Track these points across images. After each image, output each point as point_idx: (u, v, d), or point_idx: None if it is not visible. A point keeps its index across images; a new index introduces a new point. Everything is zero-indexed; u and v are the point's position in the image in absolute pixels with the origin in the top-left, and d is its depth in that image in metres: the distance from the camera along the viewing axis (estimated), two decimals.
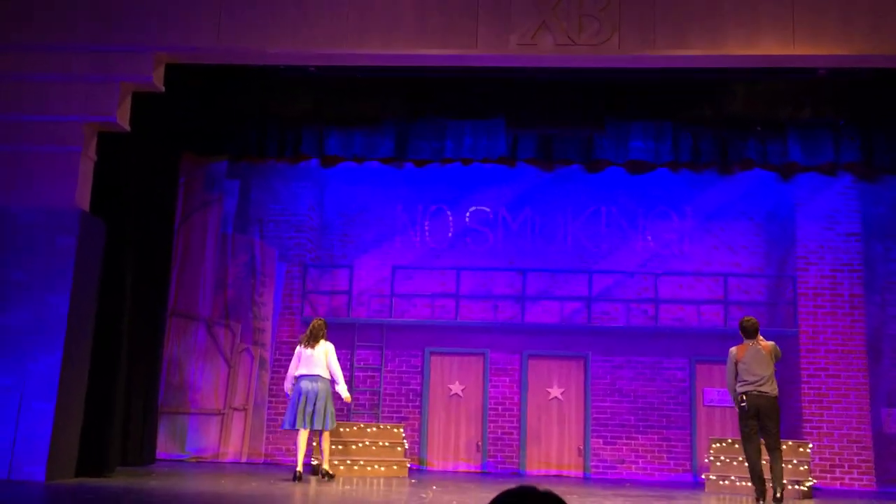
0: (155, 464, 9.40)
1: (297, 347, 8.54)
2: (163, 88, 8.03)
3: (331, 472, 8.52)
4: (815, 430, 9.84)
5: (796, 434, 9.69)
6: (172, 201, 9.81)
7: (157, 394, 9.59)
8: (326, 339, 8.49)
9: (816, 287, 10.17)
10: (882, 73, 8.13)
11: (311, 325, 8.57)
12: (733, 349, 7.75)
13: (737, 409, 7.60)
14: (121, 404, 8.55)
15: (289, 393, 8.51)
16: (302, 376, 8.29)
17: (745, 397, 7.46)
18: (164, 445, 10.12)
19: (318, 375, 8.26)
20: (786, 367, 10.16)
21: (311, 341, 8.39)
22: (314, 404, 8.18)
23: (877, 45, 7.32)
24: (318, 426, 8.23)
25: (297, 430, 8.21)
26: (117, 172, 8.42)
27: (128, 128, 8.01)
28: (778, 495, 7.17)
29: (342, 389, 8.43)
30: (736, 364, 7.64)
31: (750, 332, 7.70)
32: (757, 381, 7.47)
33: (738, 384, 7.59)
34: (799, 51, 7.40)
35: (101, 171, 8.15)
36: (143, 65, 7.78)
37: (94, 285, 7.80)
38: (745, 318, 7.84)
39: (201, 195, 10.78)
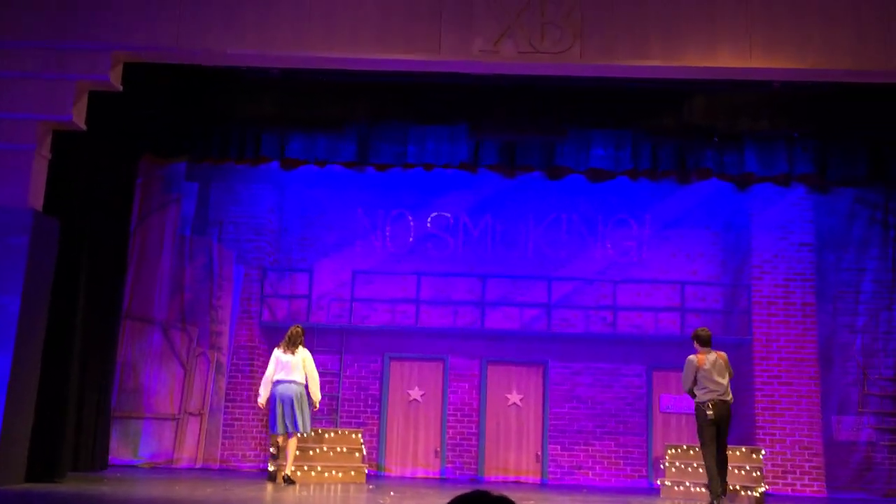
0: (107, 469, 9.23)
1: (275, 352, 8.75)
2: (120, 88, 7.91)
3: (292, 479, 8.46)
4: (767, 437, 10.01)
5: (749, 440, 9.85)
6: (129, 202, 9.66)
7: (110, 398, 9.42)
8: (304, 346, 8.74)
9: (770, 296, 10.35)
10: (835, 87, 8.33)
11: (289, 331, 8.79)
12: (693, 357, 7.93)
13: (697, 415, 7.75)
14: (73, 408, 8.39)
15: (261, 397, 8.67)
16: (279, 381, 8.52)
17: (711, 405, 7.60)
18: (117, 451, 9.94)
19: (295, 381, 8.51)
20: (740, 374, 10.30)
21: (291, 347, 8.63)
22: (291, 408, 8.42)
23: (830, 59, 7.50)
24: (290, 429, 8.43)
25: (279, 435, 8.50)
26: (73, 172, 8.28)
27: (84, 127, 7.88)
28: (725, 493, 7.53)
29: (314, 393, 8.61)
30: (696, 371, 7.73)
31: (706, 342, 7.96)
32: (719, 391, 7.73)
33: (701, 391, 7.76)
34: (756, 64, 7.56)
35: (56, 171, 8.01)
36: (101, 63, 7.66)
37: (46, 286, 7.65)
38: (702, 329, 8.09)
39: (159, 196, 10.62)
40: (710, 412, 7.68)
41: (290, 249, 10.90)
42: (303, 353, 8.63)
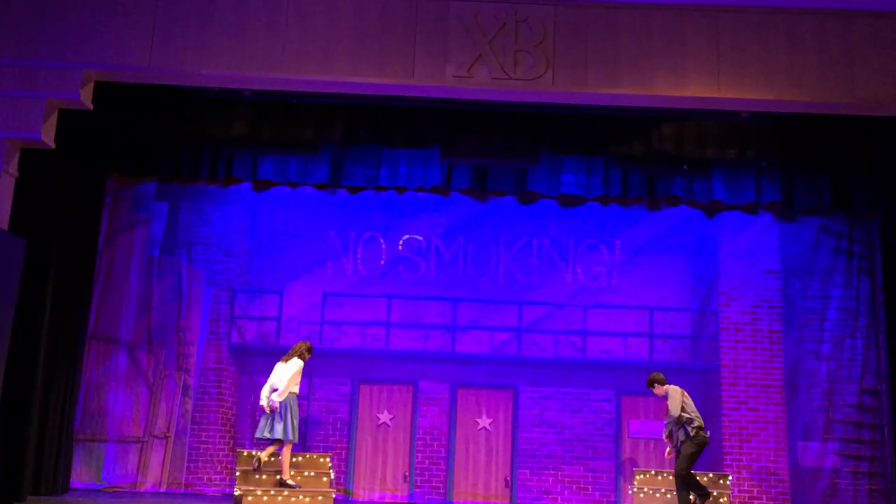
0: (69, 493, 9.05)
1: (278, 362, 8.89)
2: (91, 106, 7.86)
3: (290, 483, 8.44)
4: (734, 463, 10.07)
5: (717, 466, 9.90)
6: (97, 221, 9.56)
7: (73, 419, 9.26)
8: (301, 359, 8.75)
9: (737, 322, 10.46)
10: (800, 118, 8.50)
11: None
12: (674, 386, 8.27)
13: (696, 440, 8.02)
14: (34, 430, 8.24)
15: (263, 405, 8.61)
16: (273, 389, 8.60)
17: (705, 431, 8.10)
18: (79, 474, 9.75)
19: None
20: (707, 400, 10.41)
21: (287, 356, 8.75)
22: (275, 415, 8.42)
23: (795, 91, 7.68)
24: (277, 436, 8.36)
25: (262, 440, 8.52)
26: (40, 190, 8.19)
27: (52, 145, 7.81)
28: None
29: (274, 395, 8.48)
30: (682, 397, 8.17)
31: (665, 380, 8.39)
32: (699, 418, 8.13)
33: (695, 417, 8.08)
34: (724, 94, 7.71)
35: (23, 188, 7.91)
36: (71, 81, 7.61)
37: (10, 305, 7.51)
38: (656, 372, 8.52)
39: (128, 216, 10.50)
40: (707, 433, 8.11)
41: (260, 271, 10.82)
42: (296, 362, 8.67)
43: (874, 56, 7.69)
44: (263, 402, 8.59)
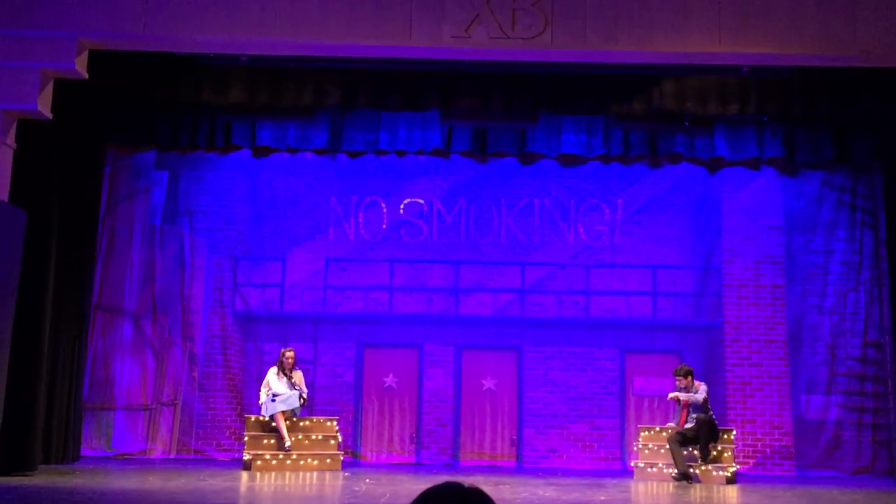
0: (79, 461, 9.18)
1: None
2: (86, 75, 7.81)
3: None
4: (738, 417, 10.16)
5: (721, 421, 9.96)
6: (97, 191, 9.55)
7: (81, 389, 9.35)
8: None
9: (741, 278, 10.48)
10: (802, 71, 8.44)
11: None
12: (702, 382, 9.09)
13: (714, 423, 8.87)
14: (43, 400, 8.32)
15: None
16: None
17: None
18: (89, 442, 9.88)
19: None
20: (711, 356, 10.49)
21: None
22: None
23: (796, 44, 7.61)
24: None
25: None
26: (39, 161, 8.17)
27: (49, 115, 7.78)
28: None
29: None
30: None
31: None
32: None
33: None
34: (725, 49, 7.63)
35: (22, 160, 7.90)
36: (65, 51, 7.56)
37: (14, 277, 7.55)
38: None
39: (128, 185, 10.50)
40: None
41: (262, 238, 10.83)
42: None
43: (876, 7, 7.60)
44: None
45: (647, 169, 10.53)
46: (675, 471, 8.48)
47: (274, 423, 8.99)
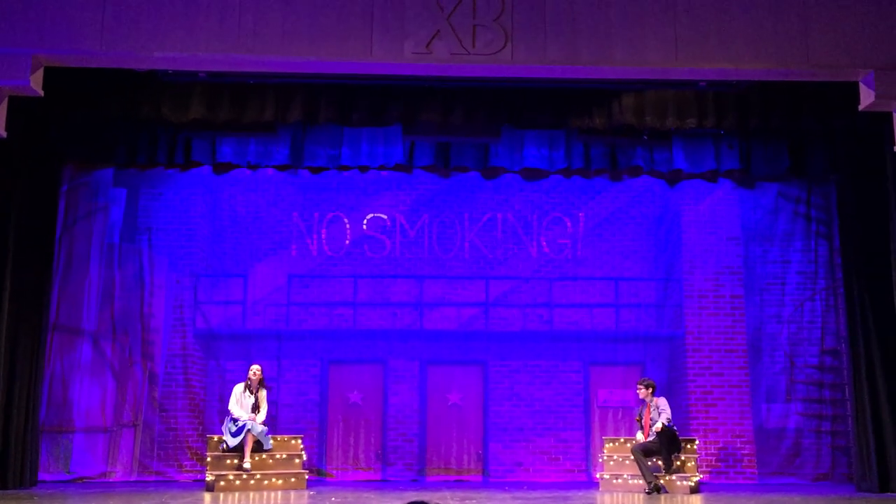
0: (37, 486, 8.94)
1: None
2: (41, 92, 7.68)
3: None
4: (701, 427, 10.26)
5: (683, 430, 10.06)
6: (53, 210, 9.35)
7: (38, 411, 9.12)
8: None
9: (701, 289, 10.61)
10: (758, 84, 8.60)
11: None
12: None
13: (675, 436, 8.88)
14: None
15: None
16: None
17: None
18: (47, 466, 9.64)
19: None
20: (673, 367, 10.60)
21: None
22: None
23: (752, 58, 7.76)
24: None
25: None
26: None
27: (3, 134, 7.62)
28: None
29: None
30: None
31: None
32: None
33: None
34: (682, 64, 7.76)
35: None
36: (20, 67, 7.42)
37: None
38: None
39: (86, 203, 10.29)
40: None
41: (223, 255, 10.72)
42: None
43: (829, 22, 7.78)
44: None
45: (609, 182, 10.64)
46: (647, 484, 8.50)
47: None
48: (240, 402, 9.09)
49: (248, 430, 8.81)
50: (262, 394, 9.23)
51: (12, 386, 8.46)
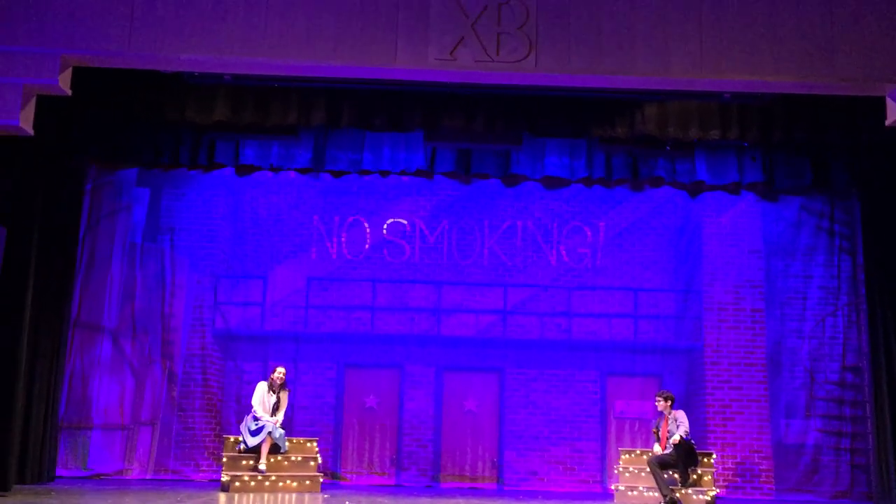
0: (55, 482, 9.04)
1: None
2: (69, 92, 7.78)
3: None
4: (718, 441, 10.18)
5: (701, 444, 9.99)
6: (77, 209, 9.48)
7: (57, 408, 9.24)
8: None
9: (721, 302, 10.53)
10: (782, 97, 8.55)
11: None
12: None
13: (692, 449, 8.76)
14: (19, 419, 8.22)
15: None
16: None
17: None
18: (65, 462, 9.74)
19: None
20: (691, 379, 10.54)
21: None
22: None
23: (776, 71, 7.71)
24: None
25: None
26: (20, 177, 8.13)
27: (31, 132, 7.73)
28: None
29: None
30: None
31: None
32: None
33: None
34: (707, 75, 7.73)
35: (3, 176, 7.85)
36: (49, 67, 7.52)
37: None
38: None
39: (109, 202, 10.42)
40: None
41: (244, 256, 10.80)
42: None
43: (854, 36, 7.72)
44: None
45: (630, 192, 10.58)
46: (663, 497, 8.45)
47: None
48: (263, 401, 9.12)
49: (269, 433, 8.85)
50: (284, 395, 9.27)
51: (33, 382, 8.56)
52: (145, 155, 9.48)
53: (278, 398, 9.18)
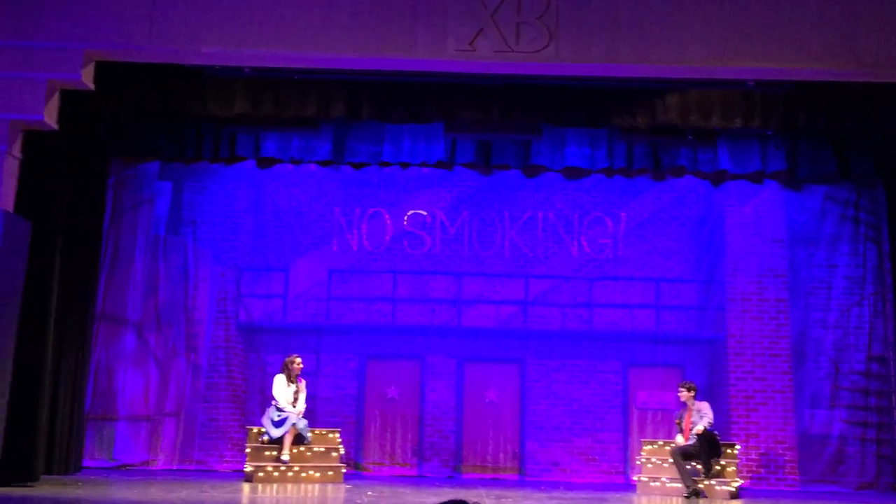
0: (81, 472, 9.18)
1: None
2: (92, 86, 7.87)
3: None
4: (742, 432, 10.13)
5: (724, 435, 9.93)
6: (101, 202, 9.59)
7: (83, 400, 9.37)
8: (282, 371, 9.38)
9: (744, 292, 10.47)
10: (805, 84, 8.46)
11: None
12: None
13: (716, 440, 8.72)
14: (46, 410, 8.34)
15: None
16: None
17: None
18: (91, 453, 9.88)
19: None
20: (714, 370, 10.49)
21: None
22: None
23: (797, 58, 7.65)
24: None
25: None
26: (44, 172, 8.23)
27: (55, 126, 7.84)
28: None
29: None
30: None
31: None
32: None
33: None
34: (729, 63, 7.68)
35: (28, 170, 7.95)
36: (72, 62, 7.62)
37: (18, 287, 7.59)
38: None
39: (132, 196, 10.54)
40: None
41: (265, 249, 10.86)
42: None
43: (878, 22, 7.63)
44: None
45: (651, 182, 10.55)
46: (685, 488, 8.44)
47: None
48: (282, 391, 9.19)
49: (294, 424, 8.92)
50: (302, 385, 9.34)
51: (59, 374, 8.68)
52: (168, 149, 9.58)
53: (297, 388, 9.25)
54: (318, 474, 9.01)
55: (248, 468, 8.92)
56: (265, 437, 9.06)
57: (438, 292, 10.78)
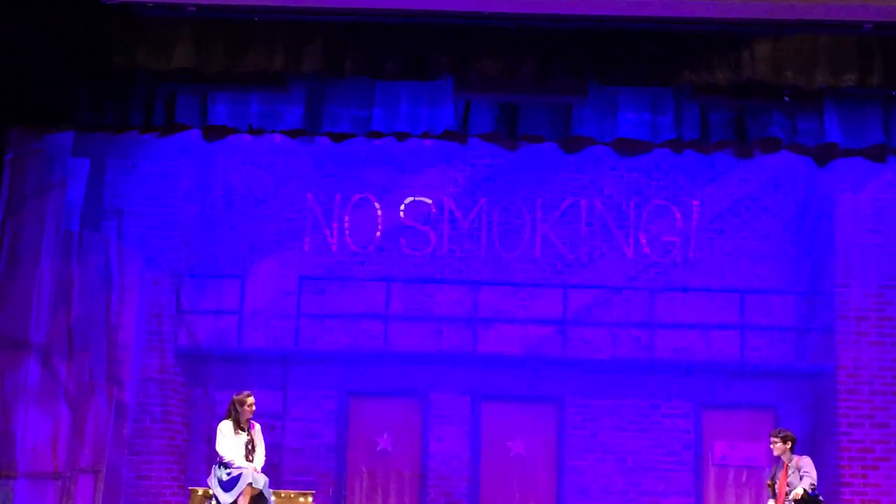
0: None
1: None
2: None
3: None
4: (856, 497, 10.12)
5: (833, 501, 9.91)
6: None
7: None
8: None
9: (859, 308, 10.48)
10: None
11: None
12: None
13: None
14: None
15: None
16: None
17: None
18: None
19: None
20: (818, 413, 10.43)
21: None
22: None
23: None
24: None
25: None
26: None
27: None
28: None
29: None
30: None
31: None
32: None
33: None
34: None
35: None
36: None
37: None
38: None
39: (37, 177, 10.50)
40: None
41: (215, 249, 10.92)
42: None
43: None
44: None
45: (734, 160, 10.46)
46: None
47: None
48: (230, 442, 9.13)
49: (249, 483, 8.88)
50: (257, 431, 9.25)
51: None
52: (83, 113, 9.54)
53: (250, 436, 9.15)
54: None
55: None
56: (213, 503, 9.03)
57: (446, 307, 10.83)
